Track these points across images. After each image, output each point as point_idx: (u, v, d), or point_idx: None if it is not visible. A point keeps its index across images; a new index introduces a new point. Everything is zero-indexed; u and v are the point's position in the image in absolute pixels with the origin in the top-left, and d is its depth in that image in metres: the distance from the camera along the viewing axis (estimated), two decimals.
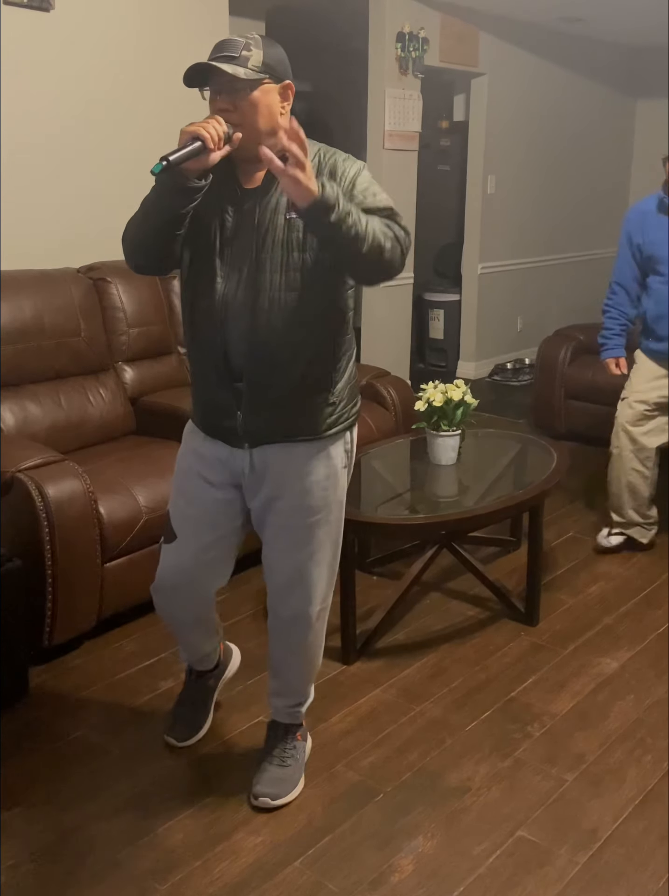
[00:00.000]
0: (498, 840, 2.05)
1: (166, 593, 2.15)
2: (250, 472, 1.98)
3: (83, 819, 2.10)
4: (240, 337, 1.87)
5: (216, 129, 1.72)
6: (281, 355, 1.88)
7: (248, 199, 1.85)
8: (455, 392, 2.99)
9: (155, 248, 1.86)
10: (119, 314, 3.44)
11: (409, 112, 5.39)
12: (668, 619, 3.02)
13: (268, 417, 1.93)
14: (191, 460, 2.05)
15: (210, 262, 1.86)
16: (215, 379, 1.93)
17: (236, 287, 1.86)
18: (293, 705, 2.20)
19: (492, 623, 3.00)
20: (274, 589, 2.08)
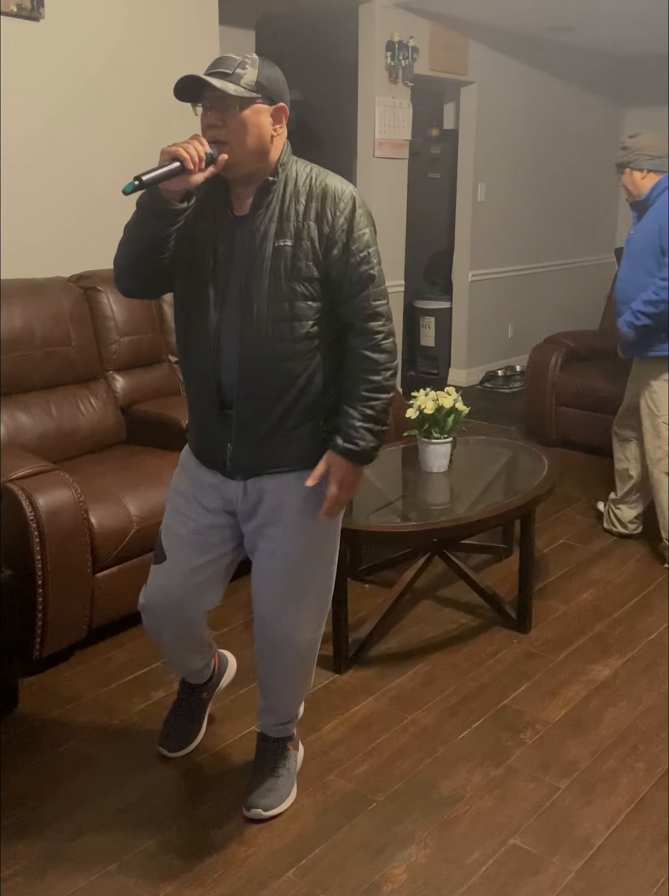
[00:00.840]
0: (491, 848, 2.04)
1: (153, 613, 2.12)
2: (243, 500, 1.96)
3: (73, 830, 2.09)
4: (231, 367, 1.85)
5: (197, 150, 1.68)
6: (270, 386, 1.85)
7: (239, 226, 1.83)
8: (446, 399, 3.00)
9: (139, 271, 1.84)
10: (110, 323, 3.43)
11: (399, 120, 5.41)
12: (659, 626, 3.03)
13: (258, 450, 1.90)
14: (187, 483, 2.03)
15: (204, 290, 1.84)
16: (208, 408, 1.91)
17: (227, 316, 1.83)
18: (282, 723, 2.19)
19: (485, 630, 2.99)
20: (261, 615, 2.04)
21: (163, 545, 2.05)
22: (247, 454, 1.90)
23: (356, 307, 1.85)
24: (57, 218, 3.60)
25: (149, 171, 1.66)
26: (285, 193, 1.81)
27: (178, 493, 2.05)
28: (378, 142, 5.31)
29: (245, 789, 2.16)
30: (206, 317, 1.84)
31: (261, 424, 1.88)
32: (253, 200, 1.82)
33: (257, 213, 1.81)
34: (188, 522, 2.01)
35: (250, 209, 1.82)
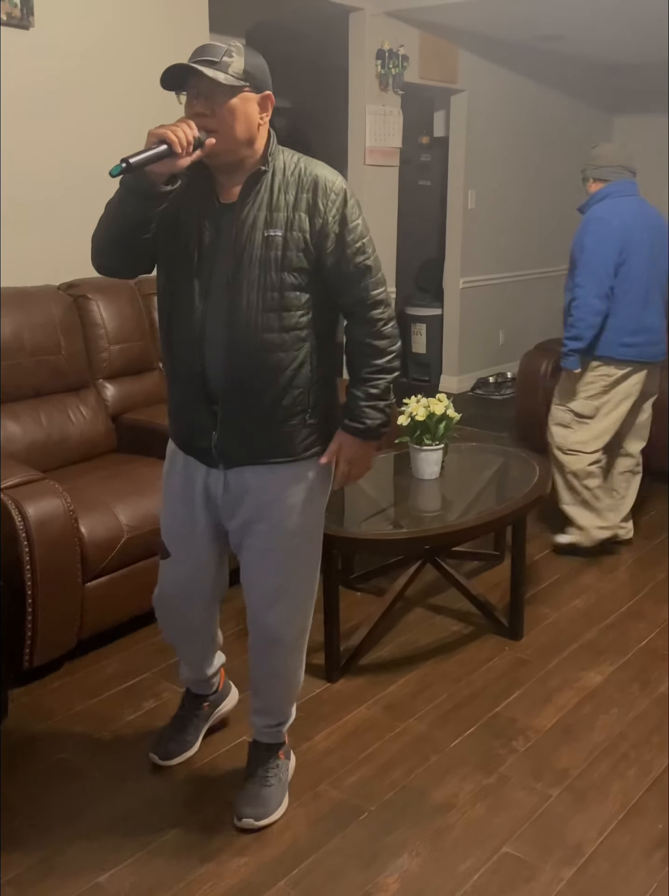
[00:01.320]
0: (484, 857, 2.04)
1: (166, 605, 2.18)
2: (224, 493, 1.97)
3: (64, 842, 2.07)
4: (218, 357, 1.85)
5: (185, 133, 1.68)
6: (257, 376, 1.86)
7: (226, 214, 1.82)
8: (437, 406, 3.00)
9: (118, 251, 1.83)
10: (100, 331, 3.42)
11: (390, 128, 5.43)
12: (651, 633, 3.03)
13: (244, 439, 1.91)
14: (177, 481, 2.04)
15: (188, 280, 1.84)
16: (192, 398, 1.92)
17: (214, 305, 1.83)
18: (274, 725, 2.19)
19: (476, 638, 2.99)
20: (252, 610, 2.07)
21: (165, 542, 2.10)
22: (232, 443, 1.91)
23: (355, 297, 1.88)
24: (47, 226, 3.59)
25: (137, 154, 1.65)
26: (274, 183, 1.82)
27: (172, 493, 2.07)
28: (368, 149, 5.32)
29: (236, 799, 2.15)
30: (192, 305, 1.84)
31: (248, 415, 1.88)
32: (242, 189, 1.81)
33: (245, 201, 1.81)
34: (185, 522, 2.04)
35: (239, 198, 1.81)
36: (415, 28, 5.41)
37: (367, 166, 5.35)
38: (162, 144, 1.66)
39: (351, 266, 1.85)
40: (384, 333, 1.92)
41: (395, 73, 5.32)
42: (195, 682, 2.36)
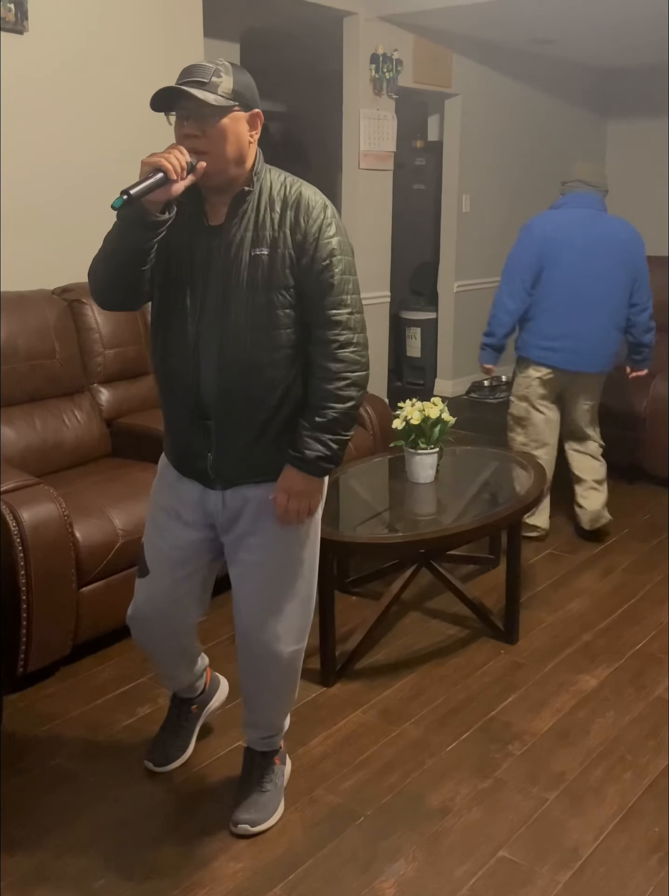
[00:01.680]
0: (480, 861, 2.04)
1: (141, 625, 2.12)
2: (223, 511, 1.96)
3: (59, 848, 2.06)
4: (211, 377, 1.85)
5: (178, 160, 1.69)
6: (251, 395, 1.85)
7: (215, 235, 1.83)
8: (432, 410, 3.00)
9: (120, 284, 1.83)
10: (94, 335, 3.42)
11: (384, 132, 5.44)
12: (646, 636, 3.04)
13: (239, 459, 1.90)
14: (166, 497, 2.02)
15: (181, 302, 1.84)
16: (188, 418, 1.91)
17: (206, 326, 1.83)
18: (267, 736, 2.17)
19: (472, 642, 2.99)
20: (244, 626, 2.03)
21: (145, 559, 2.06)
22: (228, 463, 1.90)
23: (314, 315, 1.84)
24: (41, 230, 3.59)
25: (135, 185, 1.66)
26: (260, 202, 1.82)
27: (159, 508, 2.05)
28: (363, 153, 5.33)
29: (232, 805, 2.15)
30: (184, 326, 1.84)
31: (242, 434, 1.88)
32: (228, 210, 1.82)
33: (232, 222, 1.81)
34: (168, 538, 2.01)
35: (226, 218, 1.82)
36: (409, 32, 5.43)
37: (362, 170, 5.36)
38: (157, 173, 1.67)
39: (315, 283, 1.82)
40: (338, 356, 1.83)
41: (389, 77, 5.33)
42: (179, 689, 2.34)
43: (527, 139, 6.53)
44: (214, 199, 1.84)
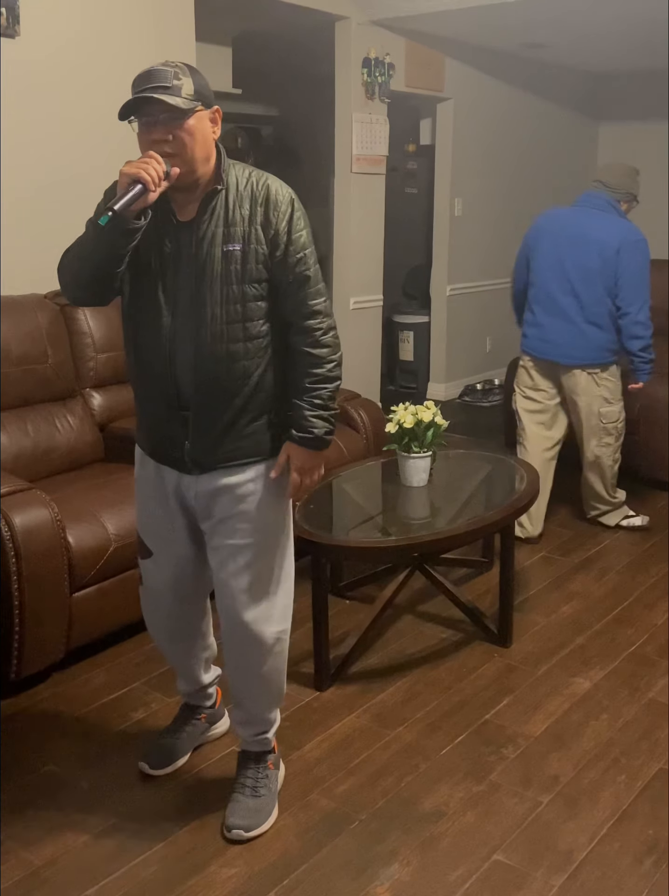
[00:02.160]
0: (474, 865, 2.04)
1: (154, 599, 2.20)
2: (199, 496, 2.02)
3: (53, 854, 2.06)
4: (187, 369, 1.92)
5: (156, 170, 1.74)
6: (226, 385, 1.92)
7: (185, 231, 1.88)
8: (425, 413, 3.00)
9: (95, 285, 1.89)
10: (87, 340, 3.42)
11: (376, 136, 5.45)
12: (639, 638, 3.04)
13: (215, 446, 1.97)
14: (150, 485, 2.10)
15: (153, 296, 1.90)
16: (164, 410, 1.98)
17: (180, 320, 1.89)
18: (259, 733, 2.18)
19: (466, 645, 2.99)
20: (227, 613, 2.07)
21: (144, 542, 2.14)
22: (204, 450, 1.97)
23: (295, 306, 1.93)
24: (33, 235, 3.58)
25: (118, 199, 1.72)
26: (229, 199, 1.88)
27: (146, 496, 2.12)
28: (355, 157, 5.34)
29: (226, 810, 2.14)
30: (159, 322, 1.90)
31: (218, 422, 1.95)
32: (199, 207, 1.87)
33: (203, 218, 1.87)
34: (162, 521, 2.10)
35: (196, 215, 1.87)
36: (401, 36, 5.44)
37: (354, 174, 5.37)
38: (137, 184, 1.72)
39: (291, 275, 1.90)
40: (322, 342, 1.95)
41: (381, 81, 5.34)
42: (191, 693, 2.36)
43: (519, 143, 6.55)
44: (180, 197, 1.88)
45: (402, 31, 5.41)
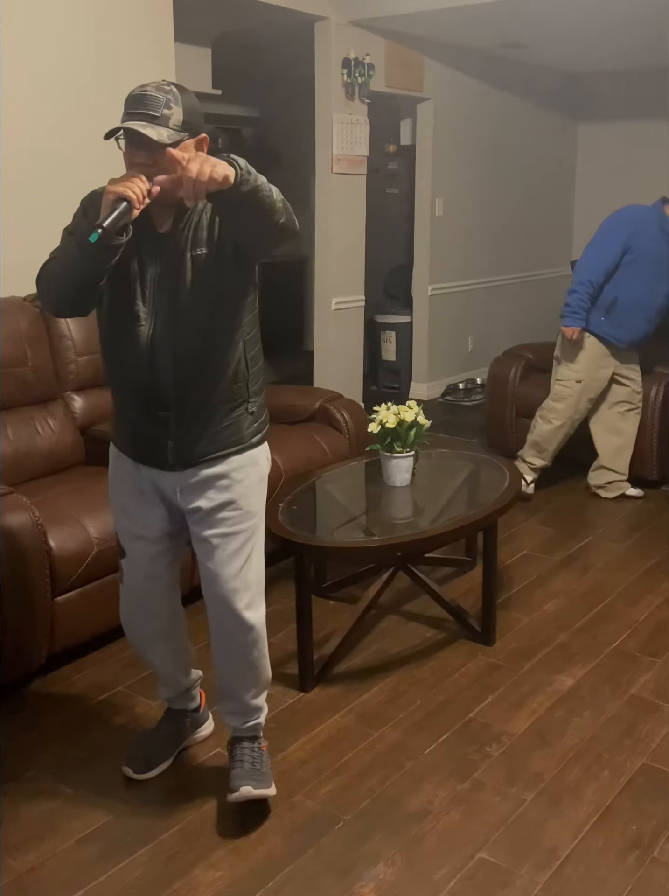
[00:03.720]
0: (459, 863, 2.04)
1: (133, 599, 2.22)
2: (182, 492, 2.06)
3: (37, 860, 2.04)
4: (167, 370, 1.96)
5: (140, 189, 1.78)
6: (206, 380, 1.98)
7: (163, 242, 1.93)
8: (407, 413, 3.01)
9: (78, 299, 1.94)
10: (67, 342, 3.40)
11: (357, 136, 5.45)
12: (621, 635, 3.06)
13: (198, 441, 2.01)
14: (128, 483, 2.12)
15: (131, 306, 1.95)
16: (143, 411, 2.01)
17: (159, 327, 1.94)
18: (250, 721, 2.22)
19: (449, 644, 3.00)
20: (218, 601, 2.10)
21: (121, 542, 2.18)
22: (187, 447, 2.02)
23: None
24: (13, 237, 3.56)
25: (106, 217, 1.76)
26: (198, 206, 1.92)
27: (122, 494, 2.15)
28: (336, 158, 5.34)
29: (229, 783, 2.14)
30: (138, 328, 1.95)
31: (199, 417, 2.00)
32: (174, 220, 1.92)
33: (178, 227, 1.92)
34: (137, 520, 2.13)
35: (173, 225, 1.93)
36: (381, 37, 5.44)
37: (335, 175, 5.37)
38: (122, 202, 1.76)
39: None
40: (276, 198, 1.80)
41: (362, 81, 5.34)
42: (174, 698, 2.36)
43: (499, 142, 6.58)
44: (159, 209, 1.91)
45: (382, 32, 5.42)
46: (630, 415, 4.24)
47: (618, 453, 4.25)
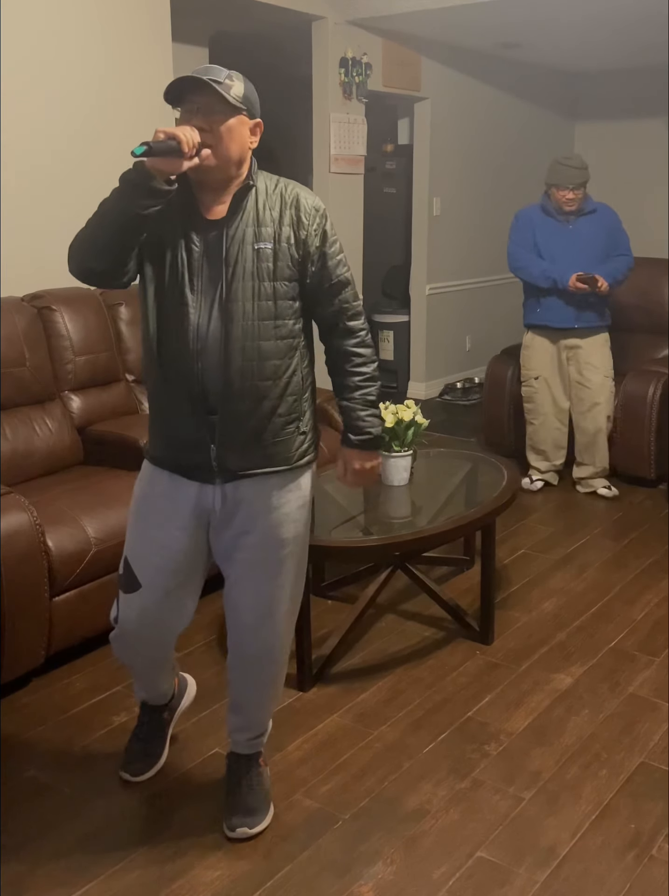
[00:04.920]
0: (458, 862, 2.04)
1: (131, 640, 2.10)
2: (221, 508, 1.94)
3: (34, 861, 2.04)
4: (215, 368, 1.86)
5: (191, 135, 1.73)
6: (256, 385, 1.87)
7: (213, 229, 1.86)
8: (405, 412, 3.01)
9: (111, 252, 1.79)
10: (65, 343, 3.39)
11: (354, 136, 5.45)
12: (619, 633, 3.06)
13: (243, 449, 1.91)
14: (159, 506, 1.98)
15: (179, 292, 1.84)
16: (189, 412, 1.89)
17: (209, 317, 1.85)
18: (255, 737, 2.18)
19: (448, 643, 3.00)
20: (241, 627, 2.03)
21: (134, 573, 2.00)
22: (231, 455, 1.90)
23: (338, 308, 1.96)
24: (11, 237, 3.55)
25: (153, 142, 1.69)
26: (258, 201, 1.89)
27: (149, 522, 2.00)
28: (333, 157, 5.34)
29: (225, 810, 2.13)
30: (186, 319, 1.85)
31: (246, 425, 1.89)
32: (230, 205, 1.86)
33: (234, 217, 1.86)
34: (163, 550, 1.98)
35: (228, 213, 1.86)
36: (378, 37, 5.44)
37: (332, 174, 5.37)
38: (172, 140, 1.71)
39: (333, 278, 1.93)
40: (367, 342, 2.00)
41: (359, 81, 5.35)
42: (152, 697, 2.33)
43: (496, 141, 6.58)
44: (207, 197, 1.87)
45: (379, 31, 5.42)
46: (590, 414, 4.21)
47: (588, 449, 4.28)
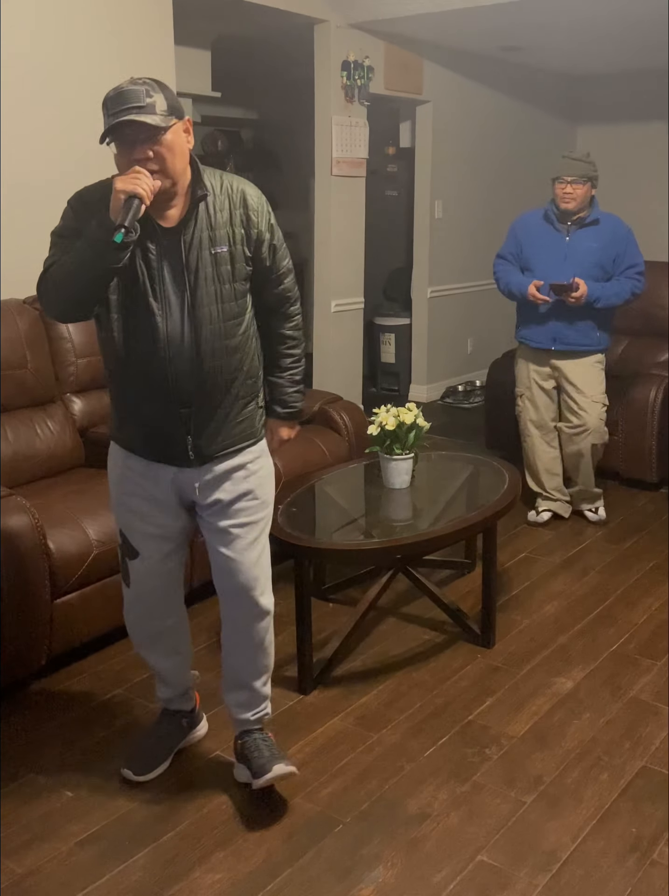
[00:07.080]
0: (459, 866, 2.04)
1: (143, 603, 2.23)
2: (201, 486, 2.08)
3: (36, 863, 2.04)
4: (188, 370, 1.98)
5: (148, 184, 1.80)
6: (225, 377, 2.03)
7: (170, 236, 1.94)
8: (407, 415, 3.01)
9: (89, 300, 1.94)
10: (66, 345, 3.40)
11: (356, 139, 5.45)
12: (620, 637, 3.06)
13: (217, 434, 2.06)
14: (138, 485, 2.12)
15: (144, 301, 1.95)
16: (162, 409, 2.02)
17: (179, 324, 1.96)
18: (261, 711, 2.26)
19: (449, 646, 3.00)
20: (236, 590, 2.15)
21: (131, 543, 2.17)
22: (206, 442, 2.05)
23: (282, 295, 2.14)
24: (12, 240, 3.56)
25: (124, 217, 1.77)
26: (208, 203, 1.95)
27: (131, 496, 2.13)
28: (335, 160, 5.35)
29: (253, 770, 2.18)
30: (153, 325, 1.95)
31: (217, 413, 2.04)
32: (185, 213, 1.93)
33: (189, 223, 1.93)
34: (150, 520, 2.13)
35: (181, 221, 1.94)
36: (380, 39, 5.45)
37: (334, 177, 5.37)
38: (134, 199, 1.78)
39: (281, 268, 2.11)
40: (299, 325, 2.21)
41: (361, 84, 5.35)
42: (172, 698, 2.37)
43: (498, 144, 6.58)
44: (160, 204, 1.91)
45: (381, 35, 5.42)
46: (574, 439, 3.85)
47: (572, 472, 3.99)
